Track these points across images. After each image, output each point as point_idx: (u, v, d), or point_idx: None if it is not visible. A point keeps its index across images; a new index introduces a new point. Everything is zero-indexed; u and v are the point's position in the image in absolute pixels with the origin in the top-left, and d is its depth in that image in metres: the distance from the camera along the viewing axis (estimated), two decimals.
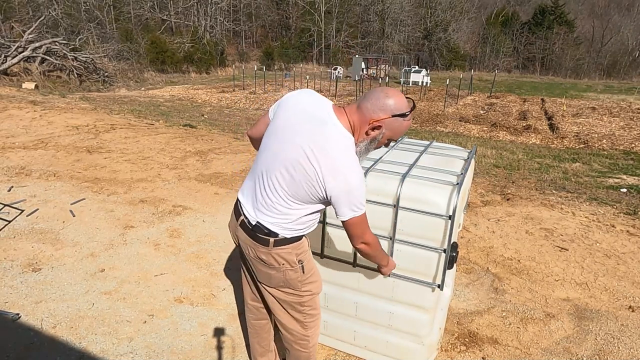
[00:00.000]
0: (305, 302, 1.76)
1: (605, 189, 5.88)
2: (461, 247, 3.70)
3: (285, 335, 1.88)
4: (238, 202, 1.72)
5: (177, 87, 18.94)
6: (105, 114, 9.32)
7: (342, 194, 1.45)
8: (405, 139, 2.54)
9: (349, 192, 1.45)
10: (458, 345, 2.51)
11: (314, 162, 1.44)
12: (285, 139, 1.51)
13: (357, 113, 1.50)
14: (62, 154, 5.84)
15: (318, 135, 1.47)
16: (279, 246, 1.61)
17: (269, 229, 1.59)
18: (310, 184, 1.47)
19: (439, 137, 9.82)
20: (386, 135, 1.52)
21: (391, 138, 1.55)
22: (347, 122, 1.50)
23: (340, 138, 1.47)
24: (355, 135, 1.52)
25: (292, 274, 1.67)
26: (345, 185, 1.44)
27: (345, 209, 1.48)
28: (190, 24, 33.50)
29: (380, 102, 1.47)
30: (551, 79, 36.48)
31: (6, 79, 14.35)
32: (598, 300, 3.05)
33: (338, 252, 2.10)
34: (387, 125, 1.48)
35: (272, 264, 1.64)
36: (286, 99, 1.61)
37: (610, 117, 13.15)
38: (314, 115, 1.51)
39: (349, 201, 1.46)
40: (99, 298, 2.76)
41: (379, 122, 1.47)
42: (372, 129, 1.49)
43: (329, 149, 1.45)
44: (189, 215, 4.12)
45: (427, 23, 42.96)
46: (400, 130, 1.52)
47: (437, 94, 18.67)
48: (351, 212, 1.48)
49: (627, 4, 48.22)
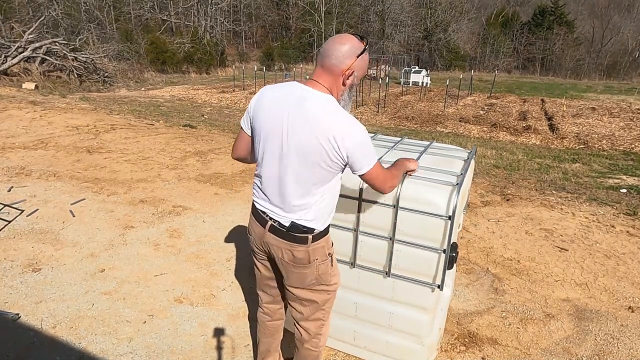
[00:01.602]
0: (330, 297, 1.82)
1: (605, 189, 5.88)
2: (461, 248, 3.70)
3: (299, 335, 1.88)
4: (257, 210, 1.71)
5: (177, 87, 18.93)
6: (105, 114, 9.32)
7: (357, 147, 1.51)
8: (405, 139, 2.54)
9: (361, 143, 1.53)
10: (458, 345, 2.51)
11: (318, 136, 1.49)
12: (282, 135, 1.54)
13: (325, 74, 1.55)
14: (62, 154, 5.84)
15: (306, 112, 1.51)
16: (317, 240, 1.66)
17: (306, 226, 1.61)
18: (325, 156, 1.51)
19: (439, 138, 9.83)
20: (358, 76, 1.60)
21: (364, 74, 1.64)
22: (322, 87, 1.56)
23: (325, 103, 1.53)
24: (334, 93, 1.57)
25: (324, 268, 1.71)
26: (355, 138, 1.51)
27: (363, 162, 1.54)
28: (190, 24, 33.49)
29: (341, 52, 1.53)
30: (551, 79, 36.49)
31: (6, 79, 14.34)
32: (598, 300, 3.05)
33: (338, 252, 2.10)
34: (356, 67, 1.56)
35: (308, 261, 1.67)
36: (256, 105, 1.64)
37: (610, 118, 13.15)
38: (290, 100, 1.55)
39: (364, 151, 1.54)
40: (98, 298, 2.76)
41: (350, 68, 1.54)
42: (347, 77, 1.56)
43: (323, 117, 1.50)
44: (189, 215, 4.12)
45: (427, 23, 42.96)
46: (366, 66, 1.62)
47: (437, 94, 18.67)
48: (369, 163, 1.55)
49: (627, 4, 48.23)
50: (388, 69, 29.51)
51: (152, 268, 3.16)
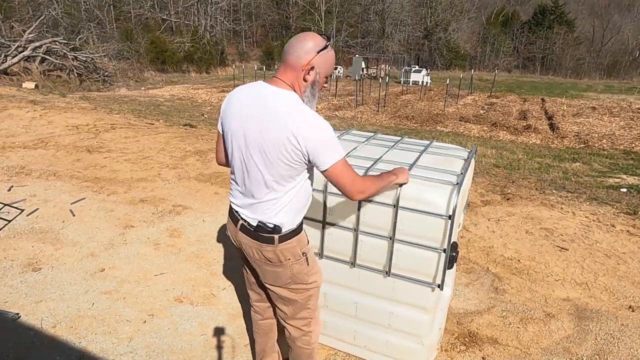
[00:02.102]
0: (312, 295, 1.79)
1: (605, 188, 5.87)
2: (461, 247, 3.70)
3: (289, 334, 1.89)
4: (231, 209, 1.75)
5: (177, 86, 18.92)
6: (105, 114, 9.32)
7: (316, 142, 1.48)
8: (405, 138, 2.54)
9: (321, 137, 1.49)
10: (458, 345, 2.51)
11: (278, 132, 1.49)
12: (245, 135, 1.56)
13: (288, 71, 1.56)
14: (62, 154, 5.84)
15: (267, 110, 1.52)
16: (285, 241, 1.63)
17: (272, 226, 1.60)
18: (285, 152, 1.50)
19: (439, 137, 9.82)
20: (321, 73, 1.57)
21: (327, 74, 1.61)
22: (284, 84, 1.56)
23: (285, 100, 1.53)
24: (297, 90, 1.57)
25: (298, 267, 1.69)
26: (315, 132, 1.48)
27: (323, 158, 1.50)
28: (190, 23, 33.47)
29: (301, 48, 1.53)
30: (551, 78, 36.46)
31: (6, 78, 14.33)
32: (598, 300, 3.05)
33: (338, 252, 2.10)
34: (317, 63, 1.54)
35: (279, 260, 1.66)
36: (224, 107, 1.67)
37: (611, 117, 13.14)
38: (253, 98, 1.57)
39: (324, 146, 1.49)
40: (98, 298, 2.76)
41: (310, 63, 1.53)
42: (307, 73, 1.54)
43: (282, 113, 1.50)
44: (189, 214, 4.12)
45: (427, 23, 42.92)
46: (330, 63, 1.59)
47: (437, 94, 18.66)
48: (332, 158, 1.50)
49: (627, 4, 48.19)
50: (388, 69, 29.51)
51: (152, 267, 3.16)
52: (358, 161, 2.07)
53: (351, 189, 1.57)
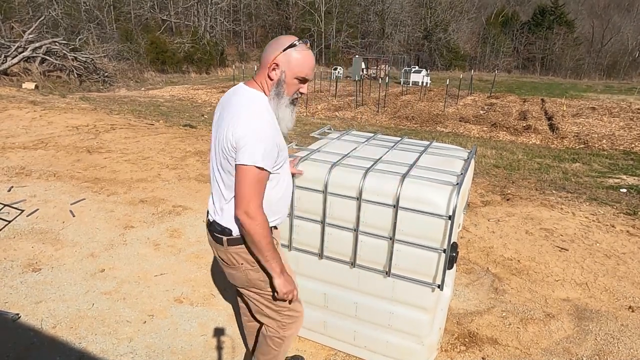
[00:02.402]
0: (279, 302, 1.72)
1: (605, 189, 5.88)
2: (461, 247, 3.70)
3: (262, 330, 1.86)
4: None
5: (177, 87, 18.92)
6: (105, 114, 9.32)
7: (241, 139, 1.45)
8: (405, 139, 2.54)
9: (247, 135, 1.44)
10: (458, 345, 2.51)
11: (224, 131, 1.50)
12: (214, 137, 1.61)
13: (260, 71, 1.58)
14: (62, 154, 5.84)
15: (229, 110, 1.55)
16: (234, 245, 1.61)
17: (220, 228, 1.61)
18: (227, 152, 1.50)
19: (439, 137, 9.82)
20: (288, 73, 1.51)
21: (298, 75, 1.53)
22: (255, 84, 1.58)
23: (244, 100, 1.56)
24: (265, 88, 1.57)
25: (254, 274, 1.65)
26: (243, 130, 1.45)
27: (242, 152, 1.45)
28: (190, 24, 33.48)
29: (270, 47, 1.53)
30: (551, 79, 36.48)
31: (6, 79, 14.33)
32: (598, 300, 3.05)
33: (338, 252, 2.10)
34: (282, 62, 1.51)
35: (232, 263, 1.65)
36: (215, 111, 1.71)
37: (610, 117, 13.15)
38: (224, 101, 1.62)
39: (247, 144, 1.44)
40: (99, 298, 2.76)
41: (274, 61, 1.51)
42: (271, 70, 1.53)
43: (233, 112, 1.51)
44: (189, 215, 4.12)
45: (427, 23, 42.95)
46: (300, 63, 1.51)
47: (437, 94, 18.67)
48: (246, 158, 1.44)
49: (627, 4, 48.21)
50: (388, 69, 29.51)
51: (152, 268, 3.16)
52: (358, 161, 2.07)
53: (244, 202, 1.46)
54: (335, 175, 1.97)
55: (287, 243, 2.20)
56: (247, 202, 1.47)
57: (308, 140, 2.80)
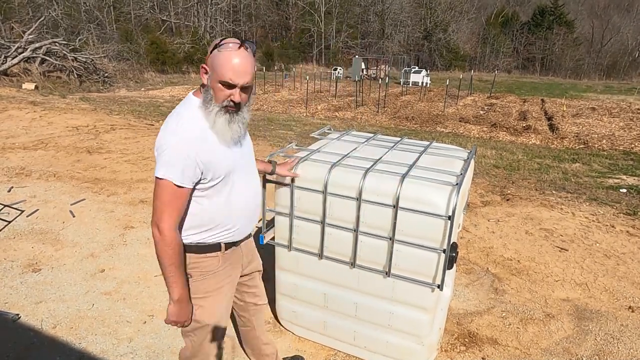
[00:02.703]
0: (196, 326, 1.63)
1: (605, 189, 5.88)
2: (461, 248, 3.70)
3: None
4: None
5: (177, 87, 18.93)
6: (105, 115, 9.32)
7: (159, 148, 1.40)
8: (405, 139, 2.54)
9: (160, 147, 1.39)
10: (458, 345, 2.51)
11: None
12: None
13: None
14: (62, 155, 5.84)
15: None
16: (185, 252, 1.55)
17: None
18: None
19: (439, 138, 9.82)
20: (212, 77, 1.40)
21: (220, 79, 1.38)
22: (198, 91, 1.49)
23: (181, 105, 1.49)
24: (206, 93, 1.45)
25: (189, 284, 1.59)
26: (164, 140, 1.39)
27: (158, 166, 1.39)
28: (190, 24, 33.51)
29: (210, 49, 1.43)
30: (551, 79, 36.50)
31: (6, 79, 14.34)
32: (598, 300, 3.05)
33: (338, 252, 2.10)
34: (210, 65, 1.40)
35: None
36: None
37: (610, 118, 13.15)
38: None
39: (159, 155, 1.39)
40: (99, 298, 2.76)
41: (205, 64, 1.43)
42: (202, 74, 1.45)
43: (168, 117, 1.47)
44: None
45: (427, 23, 42.99)
46: (220, 65, 1.36)
47: (437, 95, 18.67)
48: (159, 170, 1.38)
49: (627, 5, 48.25)
50: (388, 69, 29.53)
51: (152, 268, 3.15)
52: (358, 162, 2.07)
53: (156, 216, 1.41)
54: (335, 175, 1.98)
55: (287, 243, 2.20)
56: (159, 217, 1.40)
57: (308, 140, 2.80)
